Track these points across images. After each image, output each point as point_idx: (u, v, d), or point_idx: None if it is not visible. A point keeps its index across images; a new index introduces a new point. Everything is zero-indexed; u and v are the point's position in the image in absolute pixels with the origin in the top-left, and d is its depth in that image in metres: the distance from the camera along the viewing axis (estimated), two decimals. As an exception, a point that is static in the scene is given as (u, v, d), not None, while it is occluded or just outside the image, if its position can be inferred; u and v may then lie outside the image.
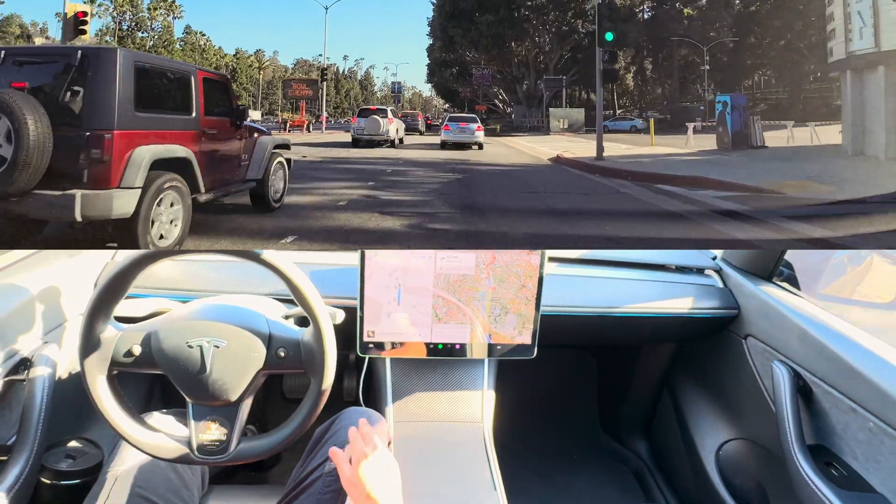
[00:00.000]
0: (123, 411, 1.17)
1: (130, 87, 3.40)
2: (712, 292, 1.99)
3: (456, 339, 1.63)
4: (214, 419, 1.17)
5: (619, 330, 1.99)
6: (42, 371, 1.39)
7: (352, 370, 1.93)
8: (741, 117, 12.53)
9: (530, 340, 1.65)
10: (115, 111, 3.30)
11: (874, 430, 1.39)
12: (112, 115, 3.29)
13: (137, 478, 1.30)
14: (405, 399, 1.72)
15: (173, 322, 1.17)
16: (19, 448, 1.33)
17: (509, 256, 1.59)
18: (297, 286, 1.15)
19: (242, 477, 2.08)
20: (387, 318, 1.60)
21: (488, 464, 1.54)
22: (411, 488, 1.43)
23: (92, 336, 1.13)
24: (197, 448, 1.17)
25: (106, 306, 1.14)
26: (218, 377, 1.14)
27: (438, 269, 1.58)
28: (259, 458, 1.21)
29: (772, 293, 1.86)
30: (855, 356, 1.48)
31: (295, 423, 1.20)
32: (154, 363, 1.15)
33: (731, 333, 1.99)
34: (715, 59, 28.03)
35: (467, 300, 1.60)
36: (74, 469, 1.43)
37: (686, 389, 2.28)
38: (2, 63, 3.31)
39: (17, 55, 3.36)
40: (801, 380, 1.62)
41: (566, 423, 2.71)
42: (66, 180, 3.20)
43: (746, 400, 1.92)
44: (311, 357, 1.18)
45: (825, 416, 1.54)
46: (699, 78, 29.50)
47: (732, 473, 1.97)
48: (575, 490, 2.35)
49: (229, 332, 1.16)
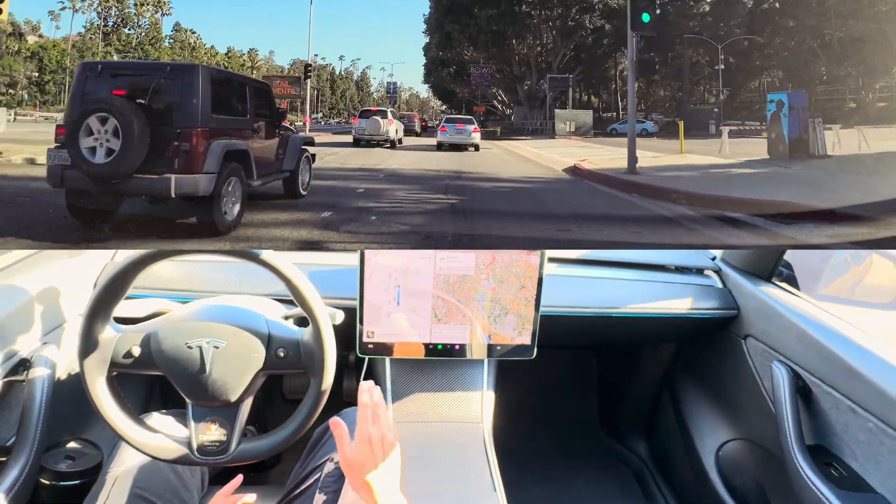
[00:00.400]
0: (123, 413, 1.17)
1: (208, 95, 4.33)
2: (712, 293, 1.99)
3: (455, 340, 1.63)
4: (214, 420, 1.17)
5: (619, 330, 1.99)
6: (41, 372, 1.39)
7: (351, 371, 1.93)
8: (800, 120, 10.22)
9: (530, 341, 1.65)
10: (199, 113, 4.26)
11: (874, 431, 1.39)
12: (196, 116, 4.25)
13: (137, 479, 1.30)
14: (405, 400, 1.72)
15: (172, 323, 1.17)
16: (18, 449, 1.33)
17: (509, 257, 1.59)
18: (296, 286, 1.15)
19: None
20: (386, 318, 1.60)
21: (488, 464, 1.54)
22: (411, 489, 1.43)
23: (91, 337, 1.13)
24: (197, 449, 1.17)
25: (105, 307, 1.14)
26: (217, 378, 1.14)
27: (438, 269, 1.57)
28: (259, 458, 1.21)
29: (771, 293, 1.86)
30: (855, 357, 1.48)
31: (295, 423, 1.20)
32: (153, 364, 1.15)
33: (730, 334, 1.99)
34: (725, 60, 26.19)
35: (467, 301, 1.60)
36: (74, 470, 1.43)
37: (686, 390, 2.28)
38: (99, 75, 4.26)
39: (114, 69, 4.44)
40: (800, 380, 1.62)
41: (566, 423, 2.71)
42: (161, 166, 4.14)
43: (746, 400, 1.92)
44: (310, 357, 1.18)
45: (825, 417, 1.54)
46: (707, 78, 28.29)
47: (732, 474, 1.97)
48: (575, 490, 2.35)
49: (228, 332, 1.16)
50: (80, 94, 4.21)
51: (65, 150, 4.17)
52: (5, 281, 1.47)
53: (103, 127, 4.05)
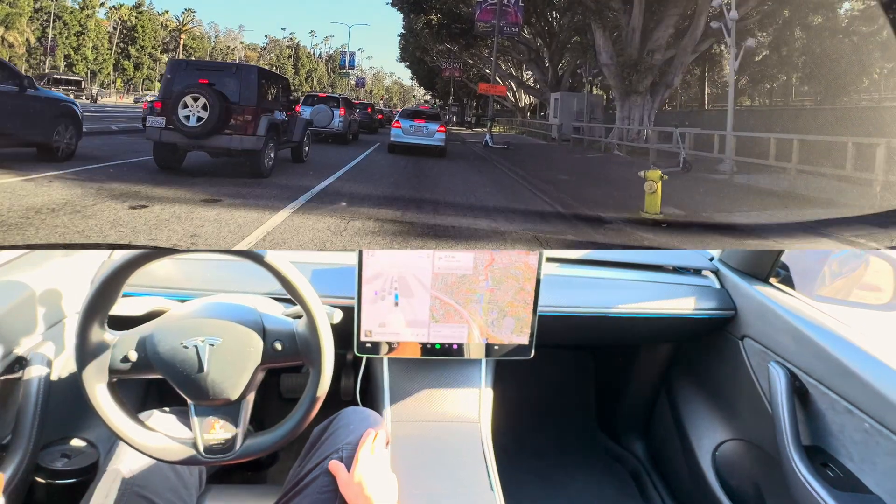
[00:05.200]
0: (127, 417, 1.16)
1: (257, 84, 7.07)
2: (709, 293, 1.99)
3: (453, 340, 1.63)
4: (218, 418, 1.17)
5: (617, 330, 1.99)
6: (37, 370, 1.38)
7: (349, 370, 1.93)
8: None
9: (528, 341, 1.65)
10: (256, 95, 7.00)
11: (870, 431, 1.40)
12: (254, 98, 6.98)
13: (134, 477, 1.29)
14: (403, 399, 1.72)
15: (166, 323, 1.17)
16: (14, 447, 1.33)
17: (508, 258, 1.59)
18: (291, 282, 1.15)
19: (240, 476, 2.07)
20: (384, 317, 1.60)
21: (485, 464, 1.54)
22: (409, 488, 1.43)
23: (87, 339, 1.12)
24: (203, 448, 1.16)
25: (101, 306, 1.13)
26: (216, 376, 1.14)
27: (436, 268, 1.57)
28: (265, 453, 1.21)
29: (769, 294, 1.86)
30: (851, 357, 1.48)
31: (298, 415, 1.20)
32: (151, 367, 1.14)
33: (728, 334, 1.99)
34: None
35: (465, 302, 1.60)
36: (70, 468, 1.43)
37: (683, 390, 2.28)
38: (186, 68, 7.22)
39: (195, 66, 7.55)
40: (797, 381, 1.62)
41: (563, 423, 2.71)
42: (230, 129, 6.81)
43: (743, 401, 1.92)
44: (307, 346, 1.18)
45: (821, 417, 1.55)
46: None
47: (729, 474, 1.98)
48: (572, 490, 2.35)
49: (223, 328, 1.15)
50: (173, 81, 6.84)
51: (161, 117, 6.68)
52: (0, 279, 1.47)
53: (195, 103, 6.63)
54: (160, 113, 6.70)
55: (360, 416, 1.47)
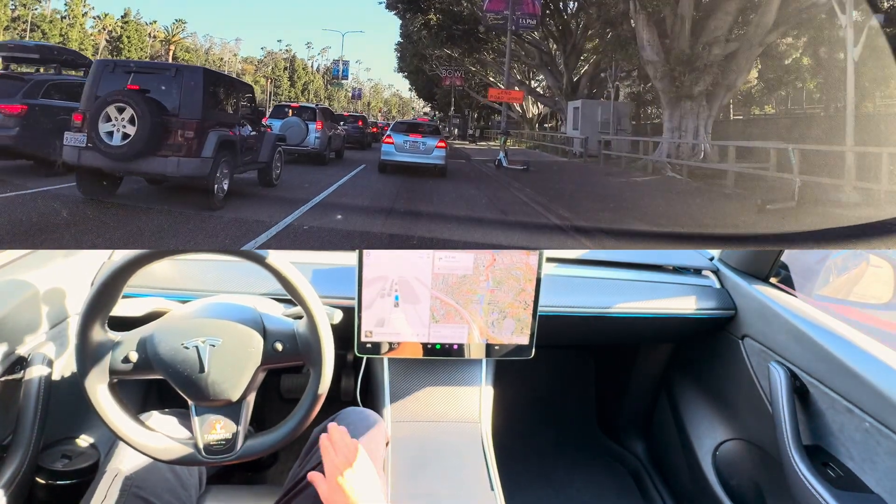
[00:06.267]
0: (128, 418, 1.16)
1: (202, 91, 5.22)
2: (709, 293, 1.99)
3: (454, 340, 1.63)
4: (219, 418, 1.17)
5: (617, 330, 1.99)
6: (38, 371, 1.38)
7: (349, 370, 1.93)
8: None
9: (528, 341, 1.65)
10: (201, 105, 5.19)
11: (870, 431, 1.40)
12: (198, 108, 5.17)
13: (134, 477, 1.29)
14: (403, 399, 1.72)
15: (167, 324, 1.17)
16: (15, 448, 1.33)
17: (509, 258, 1.59)
18: (289, 279, 1.15)
19: (240, 477, 2.07)
20: (384, 318, 1.60)
21: (486, 463, 1.54)
22: (409, 488, 1.43)
23: (87, 341, 1.12)
24: (204, 449, 1.16)
25: (102, 307, 1.13)
26: (217, 376, 1.14)
27: (437, 269, 1.57)
28: (266, 453, 1.21)
29: (769, 294, 1.86)
30: (851, 357, 1.49)
31: (299, 414, 1.20)
32: (152, 368, 1.14)
33: (728, 334, 1.99)
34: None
35: (465, 303, 1.60)
36: (70, 469, 1.43)
37: (683, 390, 2.28)
38: (113, 71, 5.15)
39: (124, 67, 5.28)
40: (797, 380, 1.62)
41: (564, 422, 2.71)
42: (167, 150, 5.03)
43: (743, 400, 1.92)
44: (307, 347, 1.18)
45: (822, 417, 1.55)
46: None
47: (729, 474, 1.98)
48: (572, 489, 2.35)
49: (223, 329, 1.15)
50: (96, 87, 5.08)
51: (81, 134, 4.97)
52: (1, 280, 1.47)
53: (121, 116, 4.93)
54: (79, 128, 5.00)
55: (361, 416, 1.47)
